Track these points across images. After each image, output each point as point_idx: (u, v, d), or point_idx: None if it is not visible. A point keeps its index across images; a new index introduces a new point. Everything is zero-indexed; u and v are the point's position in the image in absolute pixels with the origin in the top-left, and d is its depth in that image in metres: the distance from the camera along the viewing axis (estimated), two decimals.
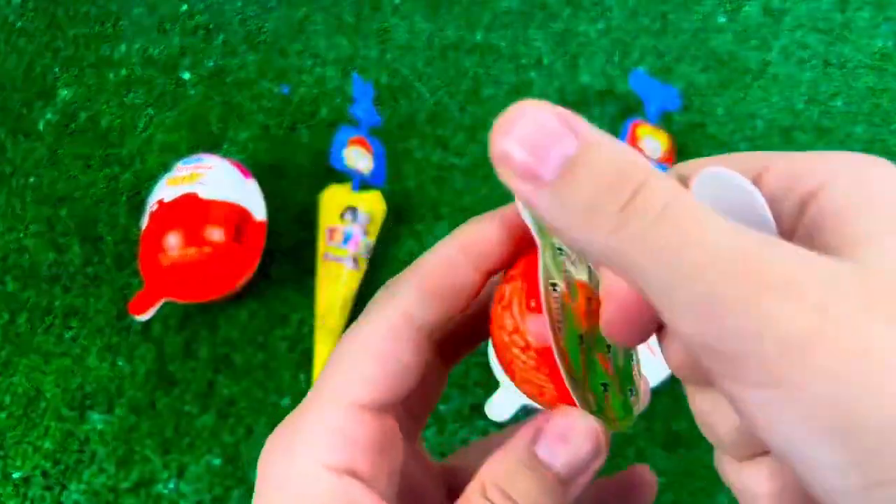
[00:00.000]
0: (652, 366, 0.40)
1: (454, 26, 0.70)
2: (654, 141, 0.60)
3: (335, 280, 0.58)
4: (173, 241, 0.55)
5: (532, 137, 0.16)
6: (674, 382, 0.52)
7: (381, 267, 0.60)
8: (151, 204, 0.57)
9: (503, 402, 0.54)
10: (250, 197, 0.58)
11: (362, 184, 0.60)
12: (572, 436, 0.20)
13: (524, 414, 0.55)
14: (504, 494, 0.19)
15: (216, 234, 0.55)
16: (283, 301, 0.60)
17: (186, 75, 0.69)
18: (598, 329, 0.19)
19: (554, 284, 0.20)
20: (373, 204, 0.60)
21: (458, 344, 0.24)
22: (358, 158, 0.60)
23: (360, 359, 0.20)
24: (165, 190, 0.57)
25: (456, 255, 0.22)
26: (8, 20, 0.72)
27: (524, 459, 0.20)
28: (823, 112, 0.65)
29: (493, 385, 0.55)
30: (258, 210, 0.58)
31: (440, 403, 0.56)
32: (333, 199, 0.60)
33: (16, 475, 0.55)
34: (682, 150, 0.63)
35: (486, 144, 0.17)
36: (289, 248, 0.62)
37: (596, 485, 0.26)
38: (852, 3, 0.69)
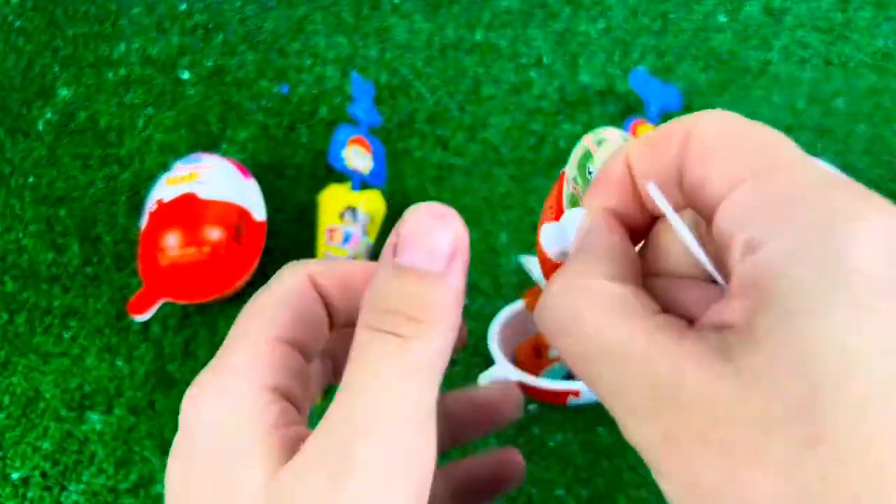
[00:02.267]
0: None
1: (454, 25, 0.70)
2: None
3: None
4: (172, 240, 0.54)
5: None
6: None
7: None
8: (150, 204, 0.57)
9: (498, 377, 0.54)
10: (250, 197, 0.58)
11: (362, 184, 0.60)
12: (424, 234, 0.21)
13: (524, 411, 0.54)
14: (388, 312, 0.20)
15: (215, 233, 0.55)
16: None
17: (185, 75, 0.69)
18: None
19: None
20: (373, 204, 0.60)
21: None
22: (358, 158, 0.60)
23: (270, 304, 0.22)
24: (164, 190, 0.57)
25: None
26: (7, 19, 0.72)
27: (392, 274, 0.21)
28: (824, 111, 0.65)
29: None
30: (257, 210, 0.58)
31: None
32: (333, 198, 0.60)
33: (15, 476, 0.55)
34: None
35: (486, 144, 0.17)
36: (288, 248, 0.61)
37: (468, 463, 0.28)
38: (853, 2, 0.69)
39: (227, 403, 0.20)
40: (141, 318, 0.56)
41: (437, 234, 0.21)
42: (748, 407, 0.15)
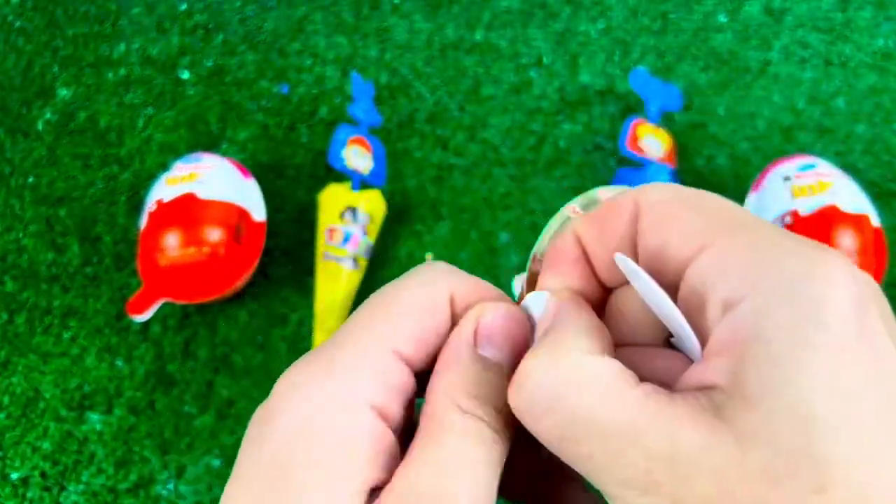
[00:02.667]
0: None
1: (454, 25, 0.70)
2: (656, 140, 0.60)
3: (335, 280, 0.58)
4: (172, 241, 0.54)
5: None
6: None
7: (380, 267, 0.60)
8: (150, 204, 0.57)
9: None
10: (249, 197, 0.58)
11: (362, 184, 0.60)
12: (502, 326, 0.20)
13: None
14: (473, 397, 0.19)
15: (215, 234, 0.55)
16: (282, 301, 0.59)
17: (185, 75, 0.69)
18: None
19: None
20: (372, 204, 0.59)
21: None
22: (358, 158, 0.60)
23: (408, 312, 0.20)
24: (164, 190, 0.57)
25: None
26: (7, 19, 0.72)
27: (473, 361, 0.20)
28: (824, 111, 0.65)
29: None
30: (257, 210, 0.58)
31: None
32: (333, 198, 0.60)
33: (14, 476, 0.55)
34: (684, 149, 0.63)
35: (485, 144, 0.17)
36: (288, 248, 0.61)
37: None
38: (853, 2, 0.69)
39: (331, 410, 0.18)
40: (141, 318, 0.56)
41: (514, 326, 0.20)
42: (752, 464, 0.15)
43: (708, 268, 0.17)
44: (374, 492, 0.18)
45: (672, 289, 0.19)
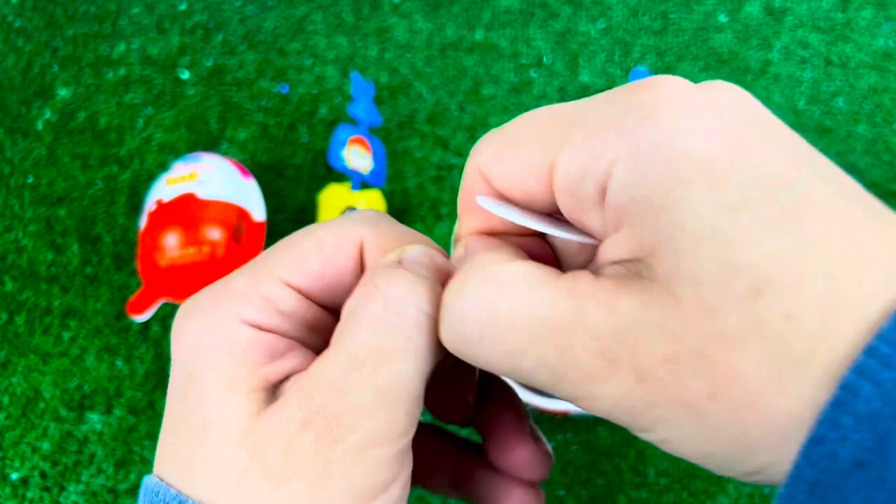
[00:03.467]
0: None
1: (454, 25, 0.70)
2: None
3: None
4: (172, 241, 0.54)
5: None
6: None
7: None
8: (150, 204, 0.57)
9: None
10: (249, 197, 0.58)
11: (362, 184, 0.60)
12: (426, 255, 0.21)
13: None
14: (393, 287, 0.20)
15: (215, 234, 0.55)
16: None
17: (185, 74, 0.69)
18: None
19: None
20: (373, 204, 0.59)
21: None
22: (358, 158, 0.60)
23: (307, 249, 0.21)
24: (164, 189, 0.57)
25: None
26: (6, 19, 0.72)
27: (396, 266, 0.21)
28: (825, 111, 0.65)
29: None
30: (257, 210, 0.58)
31: None
32: (333, 198, 0.60)
33: (14, 476, 0.55)
34: None
35: None
36: None
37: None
38: (853, 2, 0.69)
39: (211, 331, 0.20)
40: (140, 318, 0.56)
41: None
42: (689, 303, 0.15)
43: (568, 171, 0.18)
44: (280, 385, 0.19)
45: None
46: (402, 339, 0.19)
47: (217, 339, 0.20)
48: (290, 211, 0.62)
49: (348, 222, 0.22)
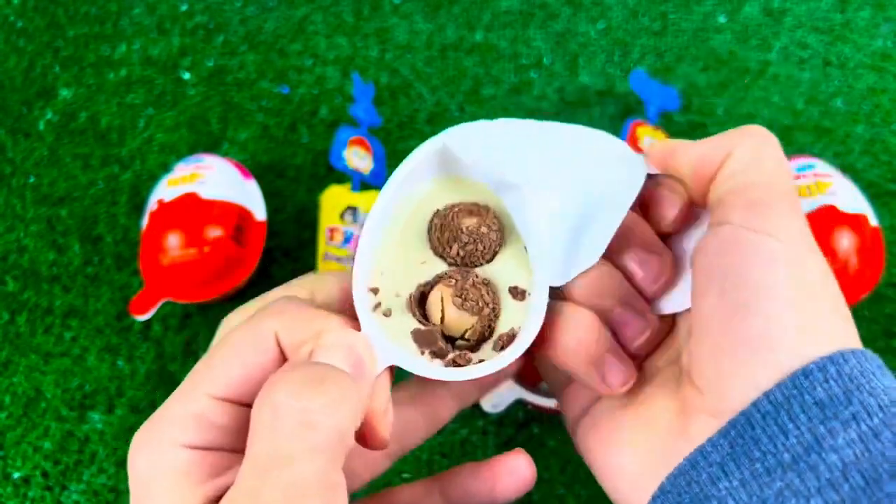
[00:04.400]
0: None
1: (454, 26, 0.70)
2: (655, 141, 0.60)
3: None
4: (173, 241, 0.55)
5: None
6: None
7: None
8: (151, 204, 0.57)
9: (501, 392, 0.54)
10: (250, 197, 0.58)
11: (362, 184, 0.60)
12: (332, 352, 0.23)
13: (519, 405, 0.55)
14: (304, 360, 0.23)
15: (216, 233, 0.55)
16: None
17: (186, 75, 0.69)
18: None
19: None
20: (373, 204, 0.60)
21: None
22: (358, 158, 0.60)
23: (229, 356, 0.23)
24: (165, 190, 0.57)
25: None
26: (8, 20, 0.72)
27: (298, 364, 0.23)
28: (823, 112, 0.65)
29: None
30: (258, 210, 0.58)
31: None
32: (333, 199, 0.60)
33: (16, 475, 0.55)
34: None
35: None
36: (289, 249, 0.62)
37: (464, 478, 0.28)
38: (852, 2, 0.69)
39: (155, 460, 0.22)
40: (142, 317, 0.56)
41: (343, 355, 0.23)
42: None
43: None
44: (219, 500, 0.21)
45: None
46: (294, 441, 0.20)
47: (161, 468, 0.22)
48: (291, 211, 0.63)
49: (260, 319, 0.23)
